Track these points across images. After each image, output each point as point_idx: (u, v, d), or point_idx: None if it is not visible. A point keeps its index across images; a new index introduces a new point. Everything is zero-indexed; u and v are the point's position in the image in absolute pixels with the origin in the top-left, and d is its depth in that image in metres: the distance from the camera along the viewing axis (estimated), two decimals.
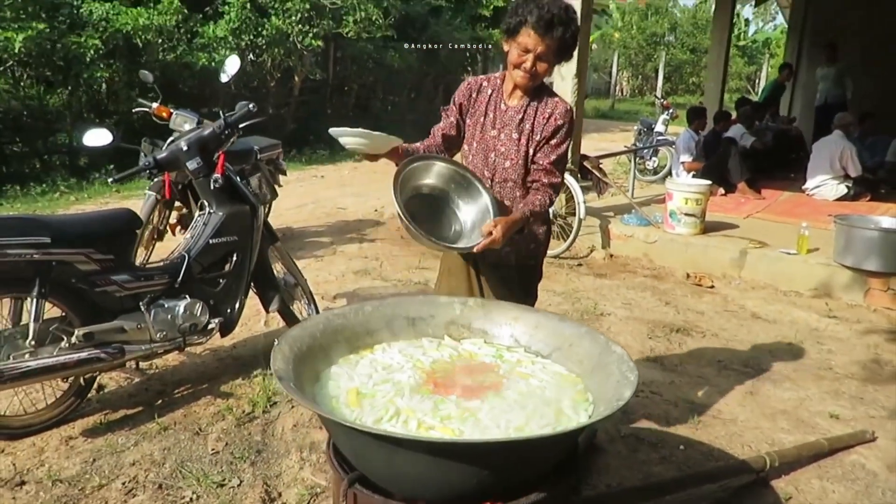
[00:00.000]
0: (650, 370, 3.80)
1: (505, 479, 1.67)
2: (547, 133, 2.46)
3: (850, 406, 3.50)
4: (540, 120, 2.47)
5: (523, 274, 2.71)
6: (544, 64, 2.38)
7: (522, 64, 2.38)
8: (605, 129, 17.01)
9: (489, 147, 2.54)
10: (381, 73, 13.16)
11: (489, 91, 2.56)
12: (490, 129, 2.54)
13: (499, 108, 2.54)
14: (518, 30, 2.35)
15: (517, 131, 2.49)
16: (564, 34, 2.34)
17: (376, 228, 6.76)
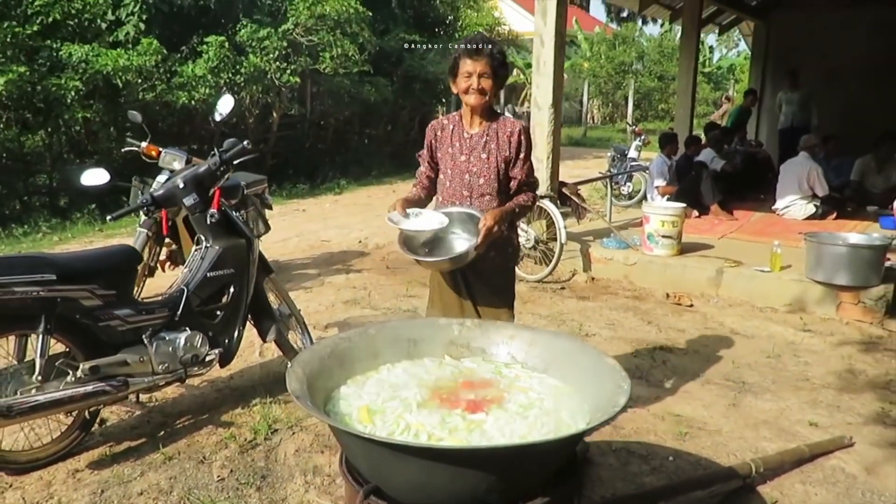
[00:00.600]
0: (637, 387, 3.94)
1: (512, 484, 1.79)
2: (513, 149, 2.90)
3: (827, 414, 3.66)
4: (503, 138, 2.90)
5: (505, 278, 3.11)
6: (488, 80, 2.83)
7: (470, 87, 2.83)
8: (578, 157, 17.32)
9: (462, 170, 2.94)
10: (357, 107, 13.36)
11: (451, 126, 2.99)
12: (459, 155, 2.95)
13: (463, 137, 2.96)
14: (456, 65, 2.86)
15: (484, 151, 2.91)
16: (492, 52, 2.82)
17: (362, 259, 6.87)
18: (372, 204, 10.30)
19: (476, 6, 17.08)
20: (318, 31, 10.92)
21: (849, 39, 11.15)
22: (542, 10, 6.14)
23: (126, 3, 9.66)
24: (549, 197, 6.16)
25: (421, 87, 14.61)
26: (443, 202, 3.03)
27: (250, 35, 10.49)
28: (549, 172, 6.28)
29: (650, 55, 29.53)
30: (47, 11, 8.75)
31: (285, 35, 10.76)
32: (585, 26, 31.23)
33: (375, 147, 14.69)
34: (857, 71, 11.17)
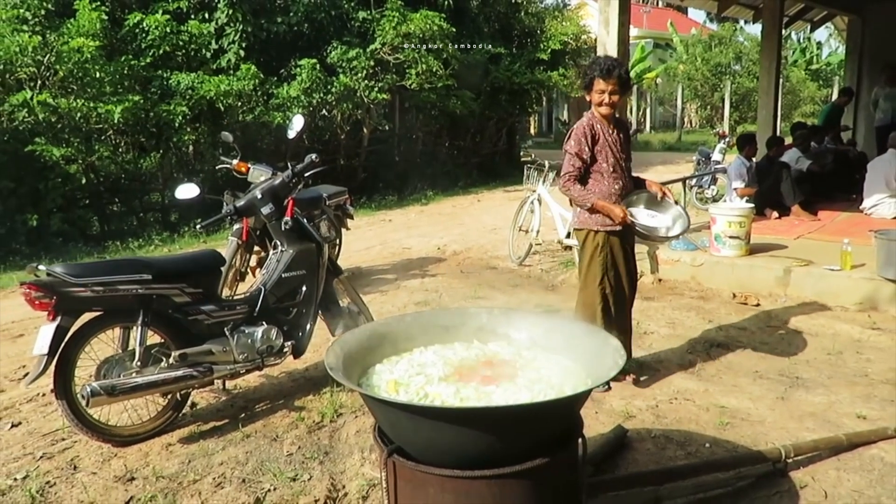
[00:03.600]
0: (686, 380, 4.07)
1: (513, 443, 2.05)
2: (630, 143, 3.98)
3: (879, 408, 3.66)
4: (625, 136, 3.90)
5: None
6: (616, 96, 3.69)
7: (603, 101, 3.69)
8: (670, 161, 17.08)
9: (619, 160, 3.81)
10: (444, 120, 13.81)
11: (598, 128, 3.76)
12: (614, 148, 3.79)
13: (611, 137, 3.79)
14: (592, 82, 3.70)
15: (625, 146, 3.87)
16: (620, 73, 3.65)
17: (438, 265, 7.22)
18: (455, 213, 10.67)
19: (561, 16, 17.24)
20: (404, 49, 11.44)
21: None
22: (604, 19, 6.31)
23: (228, 32, 10.52)
24: None
25: (507, 98, 14.90)
26: (607, 184, 3.77)
27: (340, 56, 11.14)
28: None
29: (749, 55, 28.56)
30: (158, 44, 9.68)
31: (373, 54, 11.35)
32: (681, 29, 30.65)
33: (462, 158, 15.10)
34: None
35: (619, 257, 3.88)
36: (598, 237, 3.82)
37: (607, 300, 3.85)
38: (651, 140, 23.72)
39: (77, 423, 3.31)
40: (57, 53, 8.53)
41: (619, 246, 3.87)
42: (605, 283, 3.84)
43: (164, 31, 9.66)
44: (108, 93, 9.03)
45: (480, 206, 11.46)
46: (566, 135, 3.85)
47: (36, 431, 3.66)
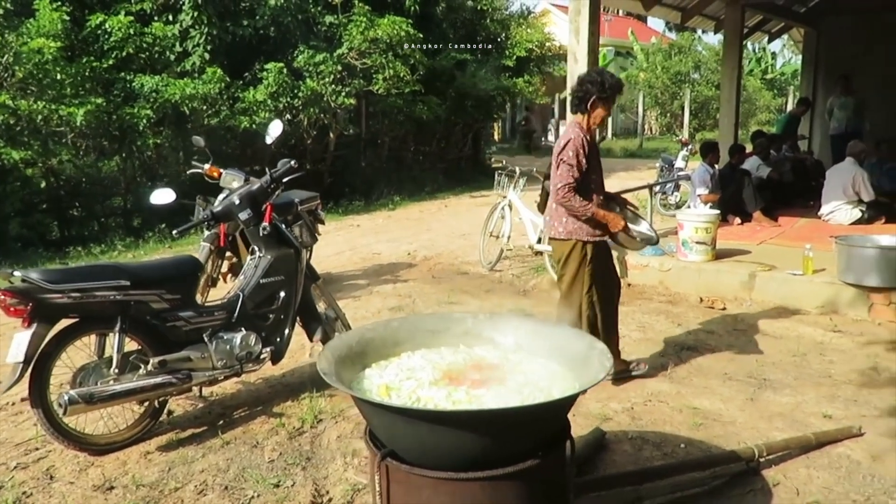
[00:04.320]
0: (659, 383, 4.16)
1: (504, 446, 2.09)
2: None
3: (843, 407, 3.81)
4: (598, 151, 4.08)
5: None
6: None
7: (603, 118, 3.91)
8: (632, 168, 17.37)
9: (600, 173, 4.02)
10: (411, 125, 13.84)
11: (588, 139, 3.87)
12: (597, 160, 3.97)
13: (595, 147, 3.95)
14: (611, 99, 3.86)
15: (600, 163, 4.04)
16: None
17: (409, 270, 7.24)
18: (423, 219, 10.70)
19: (526, 23, 17.43)
20: (371, 54, 11.44)
21: None
22: (575, 29, 6.43)
23: (192, 35, 10.39)
24: None
25: (472, 104, 15.00)
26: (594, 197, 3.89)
27: (307, 60, 11.09)
28: None
29: (707, 64, 29.20)
30: (122, 46, 9.51)
31: (340, 59, 11.33)
32: (642, 37, 31.19)
33: (429, 164, 15.14)
34: None
35: (605, 265, 4.06)
36: (588, 247, 3.91)
37: (594, 308, 3.96)
38: (613, 147, 24.05)
39: (53, 431, 3.25)
40: (15, 54, 8.33)
41: (605, 254, 4.05)
42: (592, 292, 3.96)
43: (127, 32, 9.50)
44: (70, 95, 8.85)
45: (448, 212, 11.52)
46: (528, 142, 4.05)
47: (7, 441, 3.58)
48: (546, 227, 4.19)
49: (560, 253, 4.03)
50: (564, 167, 3.79)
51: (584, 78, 3.92)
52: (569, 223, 3.92)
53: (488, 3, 15.43)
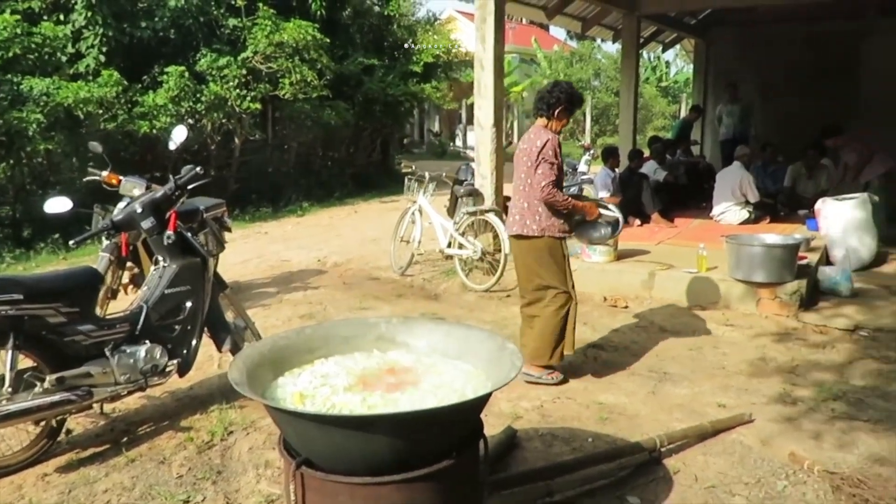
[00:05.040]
0: (570, 380, 4.30)
1: (419, 448, 2.13)
2: None
3: (736, 396, 4.06)
4: None
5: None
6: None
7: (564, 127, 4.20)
8: None
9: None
10: (319, 130, 13.70)
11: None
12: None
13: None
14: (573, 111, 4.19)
15: None
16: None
17: (319, 277, 7.18)
18: (333, 225, 10.62)
19: (433, 30, 17.58)
20: (276, 59, 11.27)
21: (782, 54, 11.82)
22: (481, 36, 6.56)
23: (86, 36, 9.94)
24: (494, 211, 6.53)
25: (381, 109, 15.00)
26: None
27: (210, 64, 10.80)
28: (494, 188, 6.67)
29: (607, 72, 30.32)
30: (7, 46, 8.97)
31: (245, 63, 11.09)
32: (544, 45, 32.01)
33: (338, 169, 15.02)
34: (790, 83, 11.83)
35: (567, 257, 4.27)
36: (560, 243, 4.17)
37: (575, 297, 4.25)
38: None
39: None
40: None
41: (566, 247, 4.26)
42: (569, 282, 4.24)
43: (13, 32, 8.96)
44: None
45: (358, 217, 11.47)
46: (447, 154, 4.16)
47: None
48: (513, 224, 4.24)
49: (531, 250, 4.16)
50: (546, 166, 4.00)
51: (556, 86, 4.16)
52: (542, 220, 4.09)
53: (395, 9, 15.48)
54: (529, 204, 4.12)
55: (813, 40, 11.53)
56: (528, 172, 4.10)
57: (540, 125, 4.18)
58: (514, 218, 4.22)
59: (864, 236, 6.83)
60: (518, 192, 4.20)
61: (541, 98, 4.17)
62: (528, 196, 4.13)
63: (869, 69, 11.56)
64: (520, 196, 4.18)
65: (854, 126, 11.04)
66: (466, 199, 6.89)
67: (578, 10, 10.56)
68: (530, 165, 4.07)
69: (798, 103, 11.69)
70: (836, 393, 4.08)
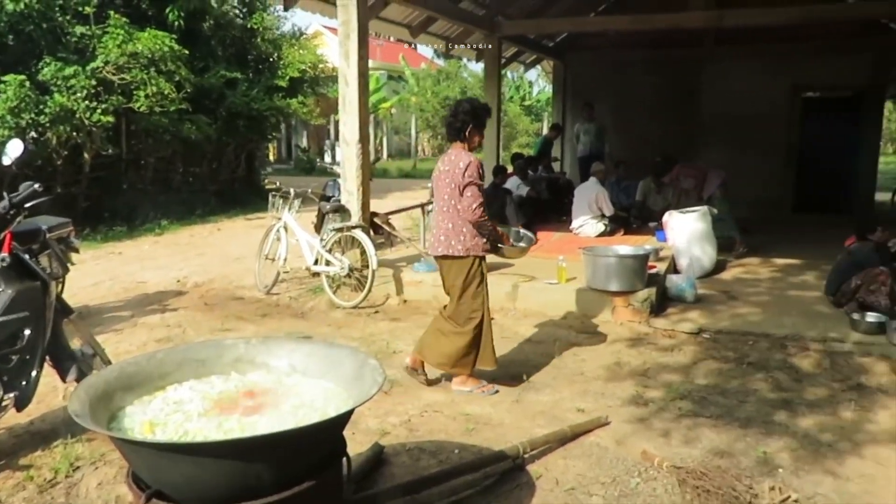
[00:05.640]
0: (434, 393, 4.35)
1: (278, 471, 2.07)
2: None
3: (593, 401, 4.25)
4: None
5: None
6: None
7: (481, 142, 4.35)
8: (408, 188, 17.94)
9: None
10: (178, 145, 13.13)
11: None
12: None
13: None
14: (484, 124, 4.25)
15: None
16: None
17: (178, 298, 6.85)
18: (194, 243, 10.18)
19: (298, 44, 17.35)
20: (130, 70, 10.71)
21: (632, 77, 12.64)
22: (345, 52, 6.55)
23: None
24: (361, 227, 6.52)
25: (245, 124, 14.59)
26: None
27: (54, 73, 10.09)
28: (360, 204, 6.65)
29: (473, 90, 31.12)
30: None
31: (94, 73, 10.45)
32: (412, 63, 32.41)
33: (199, 185, 14.43)
34: (640, 105, 12.67)
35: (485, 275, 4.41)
36: (481, 262, 4.30)
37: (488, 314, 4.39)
38: (389, 168, 24.73)
39: None
40: None
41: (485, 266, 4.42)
42: (487, 300, 4.37)
43: None
44: None
45: (221, 235, 11.07)
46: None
47: None
48: (437, 245, 4.32)
49: (458, 269, 4.28)
50: (473, 188, 4.14)
51: (457, 109, 4.26)
52: (467, 240, 4.22)
53: (259, 22, 15.14)
54: (454, 224, 4.23)
55: (660, 65, 12.43)
56: (452, 194, 4.20)
57: (458, 147, 4.27)
58: (440, 239, 4.31)
59: (705, 246, 7.40)
60: (442, 214, 4.30)
61: (448, 125, 4.29)
62: (453, 217, 4.23)
63: (708, 93, 12.60)
64: (444, 217, 4.28)
65: (694, 145, 12.03)
66: (333, 215, 6.83)
67: (442, 30, 10.80)
68: (454, 188, 4.17)
69: (648, 123, 12.57)
70: (683, 392, 4.38)
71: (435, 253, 4.39)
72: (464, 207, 4.15)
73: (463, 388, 4.36)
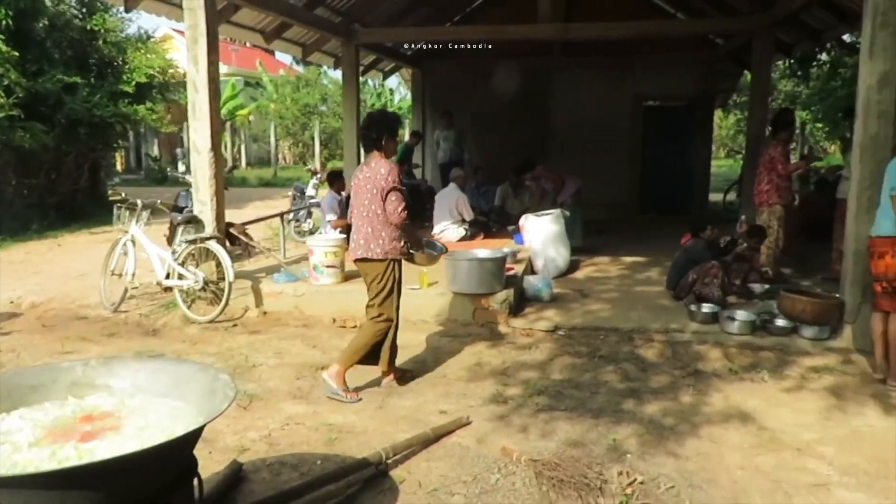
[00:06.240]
0: (296, 405, 4.27)
1: (122, 497, 1.96)
2: None
3: (455, 402, 4.34)
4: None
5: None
6: None
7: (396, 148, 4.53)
8: (268, 197, 17.49)
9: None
10: (10, 155, 12.09)
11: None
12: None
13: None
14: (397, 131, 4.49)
15: None
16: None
17: (12, 321, 6.30)
18: (31, 261, 9.39)
19: (145, 48, 16.47)
20: None
21: (489, 85, 13.01)
22: (193, 57, 6.29)
23: None
24: (216, 238, 6.28)
25: (87, 132, 13.65)
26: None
27: None
28: (215, 214, 6.40)
29: (334, 97, 30.88)
30: None
31: None
32: (270, 68, 31.71)
33: (36, 198, 13.32)
34: (497, 112, 13.07)
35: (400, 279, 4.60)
36: (397, 265, 4.50)
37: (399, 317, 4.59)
38: (248, 176, 24.01)
39: None
40: None
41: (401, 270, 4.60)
42: (398, 302, 4.56)
43: None
44: None
45: (62, 251, 10.27)
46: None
47: None
48: (357, 248, 4.49)
49: (376, 272, 4.47)
50: (397, 193, 4.34)
51: (370, 121, 4.49)
52: (385, 244, 4.40)
53: (100, 24, 14.21)
54: (374, 229, 4.41)
55: (514, 74, 12.88)
56: (373, 200, 4.37)
57: (376, 156, 4.44)
58: (359, 242, 4.48)
59: (559, 247, 7.75)
60: (361, 218, 4.46)
61: (364, 137, 4.47)
62: (373, 222, 4.40)
63: (559, 101, 13.22)
64: (363, 222, 4.45)
65: (548, 151, 12.57)
66: (186, 226, 6.54)
67: (298, 36, 10.62)
68: (375, 193, 4.35)
69: (504, 130, 13.00)
70: (540, 388, 4.56)
71: (355, 256, 4.55)
72: (389, 211, 4.36)
73: (331, 382, 4.38)
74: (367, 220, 4.43)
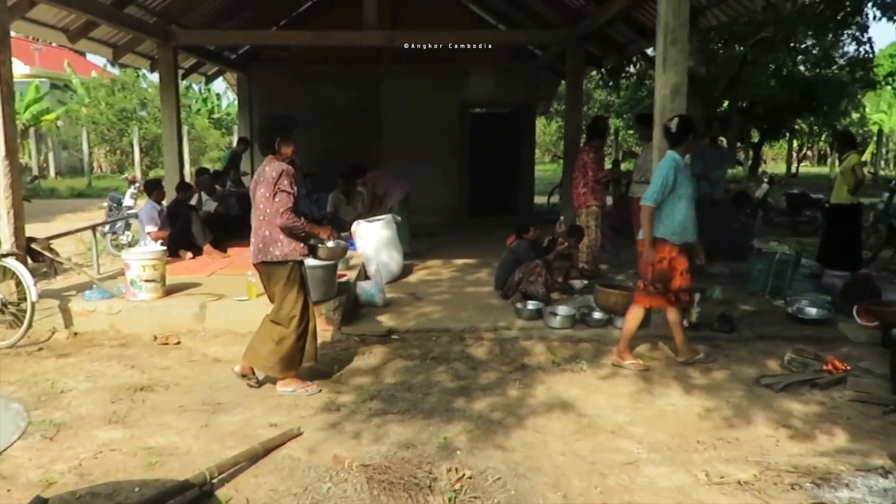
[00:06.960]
0: (110, 431, 3.98)
1: None
2: None
3: (286, 414, 4.24)
4: None
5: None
6: None
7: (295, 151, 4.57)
8: (81, 209, 16.13)
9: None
10: None
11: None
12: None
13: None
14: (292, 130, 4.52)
15: None
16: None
17: None
18: None
19: None
20: None
21: (319, 91, 12.90)
22: None
23: None
24: (15, 255, 5.71)
25: None
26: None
27: None
28: (13, 228, 5.81)
29: (154, 101, 29.16)
30: None
31: None
32: (81, 70, 29.41)
33: None
34: (328, 118, 12.94)
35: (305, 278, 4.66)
36: (299, 266, 4.55)
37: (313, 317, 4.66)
38: (57, 187, 22.01)
39: None
40: None
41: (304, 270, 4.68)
42: (308, 300, 4.61)
43: None
44: None
45: None
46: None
47: None
48: (257, 253, 4.52)
49: (278, 275, 4.50)
50: (283, 195, 4.33)
51: (263, 127, 4.62)
52: (285, 246, 4.44)
53: None
54: (271, 232, 4.43)
55: (345, 80, 12.87)
56: (266, 202, 4.40)
57: (271, 159, 4.47)
58: (258, 246, 4.51)
59: (392, 252, 7.82)
60: (258, 222, 4.51)
61: (262, 142, 4.52)
62: (269, 224, 4.43)
63: (388, 107, 13.35)
64: (260, 225, 4.49)
65: (378, 156, 12.64)
66: None
67: (108, 36, 9.86)
68: (268, 196, 4.37)
69: (336, 137, 12.91)
70: (373, 393, 4.56)
71: (254, 260, 4.58)
72: (273, 212, 4.36)
73: (286, 388, 4.55)
74: (265, 224, 4.47)
